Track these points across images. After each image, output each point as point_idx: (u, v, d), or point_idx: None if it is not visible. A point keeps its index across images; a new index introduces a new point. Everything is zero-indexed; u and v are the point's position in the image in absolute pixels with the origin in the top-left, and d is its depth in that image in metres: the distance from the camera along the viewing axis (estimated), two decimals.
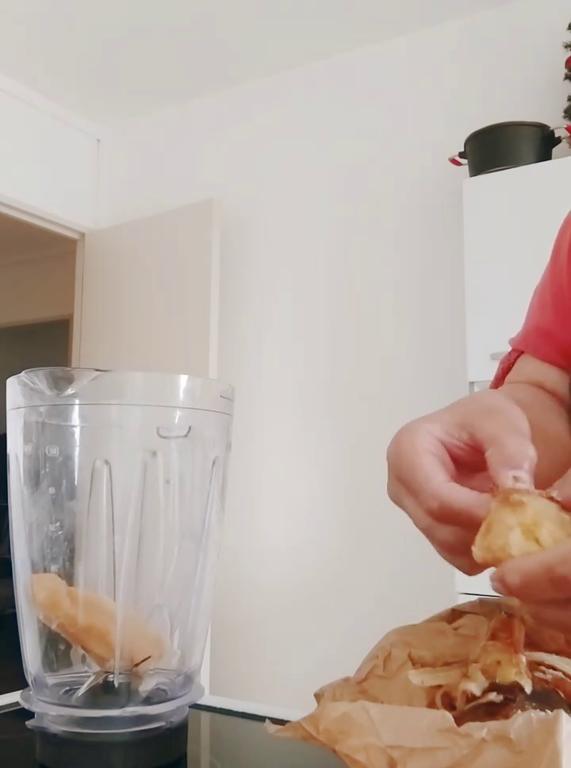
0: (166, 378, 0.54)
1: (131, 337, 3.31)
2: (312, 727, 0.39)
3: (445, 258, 2.77)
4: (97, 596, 0.53)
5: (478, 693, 0.39)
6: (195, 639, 0.56)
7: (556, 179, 2.30)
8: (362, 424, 2.88)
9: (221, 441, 0.57)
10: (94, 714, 0.50)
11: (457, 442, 0.45)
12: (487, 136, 2.46)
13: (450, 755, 0.34)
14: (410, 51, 2.98)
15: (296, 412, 3.06)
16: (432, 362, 2.78)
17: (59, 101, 3.52)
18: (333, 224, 3.07)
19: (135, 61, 3.21)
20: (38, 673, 0.53)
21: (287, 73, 3.25)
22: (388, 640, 0.48)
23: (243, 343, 3.22)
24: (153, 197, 3.52)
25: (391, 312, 2.91)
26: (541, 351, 0.76)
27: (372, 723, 0.37)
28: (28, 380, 0.52)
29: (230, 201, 3.25)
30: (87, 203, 3.68)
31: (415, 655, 0.44)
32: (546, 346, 0.76)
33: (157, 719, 0.51)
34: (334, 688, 0.46)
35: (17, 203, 3.35)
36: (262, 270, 3.21)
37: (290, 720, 0.42)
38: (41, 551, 0.53)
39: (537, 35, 2.70)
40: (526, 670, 0.40)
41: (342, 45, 3.07)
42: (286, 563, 3.00)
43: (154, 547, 0.54)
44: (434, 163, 2.82)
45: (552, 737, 0.32)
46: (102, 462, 0.52)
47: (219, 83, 3.36)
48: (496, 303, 2.30)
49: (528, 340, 0.78)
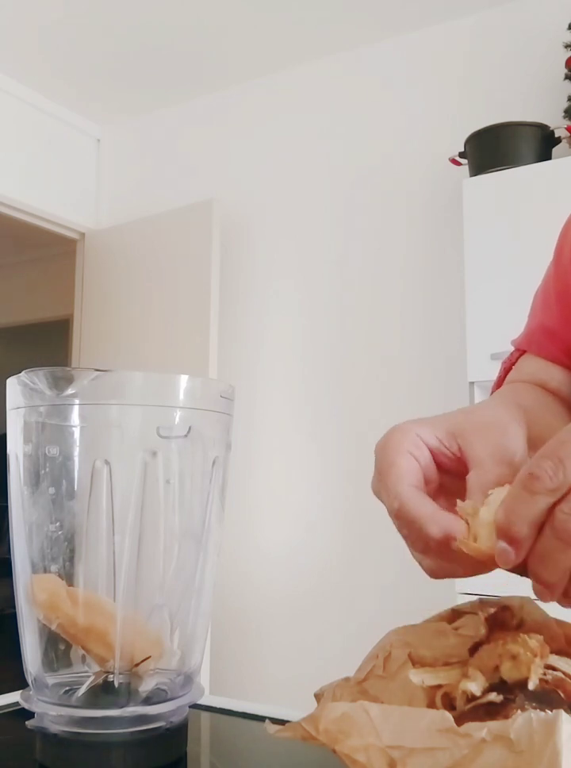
0: (166, 378, 0.54)
1: (131, 337, 3.31)
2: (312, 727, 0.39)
3: (445, 258, 2.77)
4: (97, 596, 0.53)
5: (478, 693, 0.39)
6: (195, 639, 0.56)
7: (556, 179, 2.30)
8: (362, 424, 2.88)
9: (221, 441, 0.57)
10: (94, 714, 0.50)
11: (446, 450, 0.45)
12: (487, 136, 2.46)
13: (449, 755, 0.34)
14: (410, 51, 2.98)
15: (296, 412, 3.06)
16: (432, 362, 2.78)
17: (59, 101, 3.52)
18: (333, 224, 3.07)
19: (135, 61, 3.21)
20: (38, 673, 0.53)
21: (287, 73, 3.25)
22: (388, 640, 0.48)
23: (243, 343, 3.22)
24: (153, 197, 3.52)
25: (391, 312, 2.91)
26: (545, 350, 0.76)
27: (372, 724, 0.37)
28: (28, 380, 0.52)
29: (230, 201, 3.25)
30: (87, 203, 3.69)
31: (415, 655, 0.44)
32: (550, 345, 0.76)
33: (157, 719, 0.51)
34: (334, 688, 0.46)
35: (17, 203, 3.35)
36: (262, 270, 3.21)
37: (290, 720, 0.42)
38: (41, 551, 0.53)
39: (537, 35, 2.70)
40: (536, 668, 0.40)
41: (342, 45, 3.07)
42: (286, 563, 3.00)
43: (154, 547, 0.54)
44: (434, 163, 2.82)
45: (552, 737, 0.32)
46: (102, 462, 0.52)
47: (219, 83, 3.36)
48: (496, 303, 2.30)
49: (532, 339, 0.78)
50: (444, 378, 2.71)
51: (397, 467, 0.43)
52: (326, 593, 2.90)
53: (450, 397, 2.59)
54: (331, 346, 3.02)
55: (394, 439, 0.45)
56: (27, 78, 3.34)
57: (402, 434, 0.45)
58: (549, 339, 0.76)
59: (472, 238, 2.43)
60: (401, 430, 0.46)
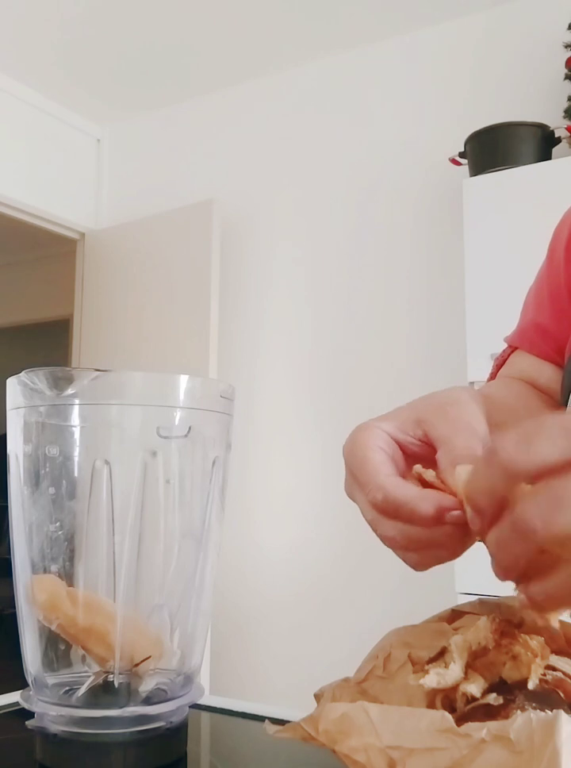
0: (166, 378, 0.54)
1: (131, 337, 3.31)
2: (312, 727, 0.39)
3: (445, 258, 2.77)
4: (96, 596, 0.53)
5: (478, 694, 0.39)
6: (195, 639, 0.56)
7: (556, 179, 2.30)
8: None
9: (221, 441, 0.57)
10: (94, 714, 0.50)
11: (412, 439, 0.46)
12: (487, 136, 2.46)
13: (449, 756, 0.34)
14: (410, 51, 2.98)
15: (296, 411, 3.06)
16: (432, 362, 2.78)
17: (60, 101, 3.52)
18: (332, 224, 3.07)
19: (135, 61, 3.21)
20: (38, 673, 0.53)
21: (287, 73, 3.25)
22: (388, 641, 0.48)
23: (243, 343, 3.22)
24: (153, 197, 3.52)
25: (391, 312, 2.91)
26: (537, 347, 0.77)
27: (371, 724, 0.37)
28: (28, 380, 0.52)
29: (230, 201, 3.25)
30: (87, 203, 3.69)
31: (415, 656, 0.44)
32: (542, 343, 0.77)
33: (157, 719, 0.51)
34: (333, 688, 0.46)
35: (17, 203, 3.35)
36: (262, 270, 3.21)
37: (290, 720, 0.42)
38: (41, 551, 0.53)
39: (537, 35, 2.70)
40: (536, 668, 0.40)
41: (343, 45, 3.07)
42: (287, 563, 3.00)
43: (154, 547, 0.54)
44: (434, 163, 2.82)
45: (552, 737, 0.32)
46: (102, 462, 0.52)
47: (219, 83, 3.36)
48: (496, 303, 2.30)
49: (524, 337, 0.79)
50: (444, 378, 2.71)
51: (371, 461, 0.43)
52: (326, 593, 2.90)
53: None
54: (330, 346, 3.02)
55: (361, 437, 0.45)
56: (27, 79, 3.34)
57: (367, 431, 0.45)
58: (540, 337, 0.77)
59: (472, 238, 2.43)
60: (365, 428, 0.46)
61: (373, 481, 0.42)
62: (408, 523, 0.41)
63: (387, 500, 0.41)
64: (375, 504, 0.42)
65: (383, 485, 0.42)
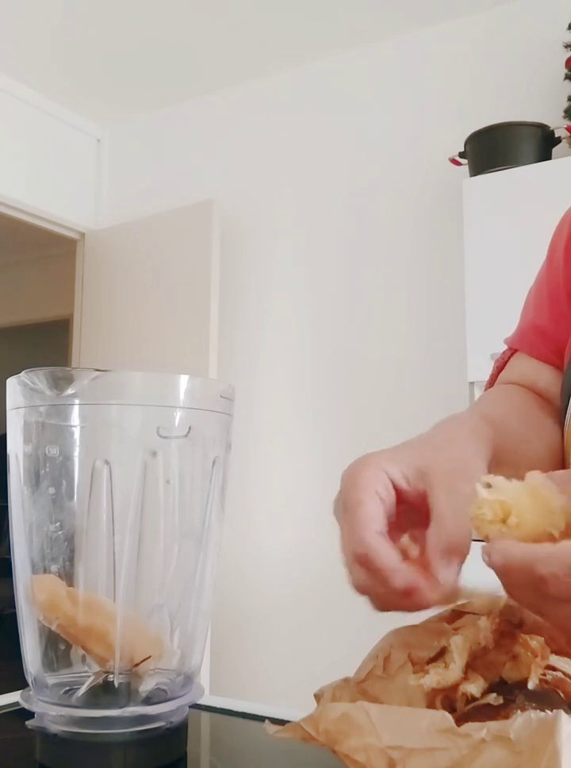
0: (166, 378, 0.54)
1: (131, 337, 3.31)
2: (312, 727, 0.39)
3: (445, 258, 2.77)
4: (96, 596, 0.53)
5: (478, 694, 0.39)
6: (195, 639, 0.56)
7: (556, 179, 2.30)
8: (362, 424, 2.88)
9: (221, 441, 0.57)
10: (94, 714, 0.50)
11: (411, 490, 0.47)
12: (487, 136, 2.46)
13: (449, 756, 0.34)
14: (410, 51, 2.98)
15: (296, 411, 3.06)
16: (432, 363, 2.78)
17: (60, 101, 3.52)
18: (333, 224, 3.07)
19: (135, 61, 3.21)
20: (38, 673, 0.53)
21: (287, 73, 3.25)
22: (387, 641, 0.48)
23: (243, 343, 3.22)
24: (153, 197, 3.51)
25: (391, 312, 2.91)
26: (537, 349, 0.76)
27: (371, 724, 0.37)
28: (28, 380, 0.52)
29: (230, 201, 3.25)
30: (87, 203, 3.68)
31: (415, 656, 0.44)
32: (542, 345, 0.76)
33: (157, 719, 0.51)
34: (333, 688, 0.46)
35: (17, 203, 3.35)
36: (262, 270, 3.21)
37: (290, 720, 0.42)
38: (41, 551, 0.53)
39: (537, 35, 2.70)
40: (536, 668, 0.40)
41: (342, 45, 3.07)
42: (287, 563, 3.00)
43: (154, 547, 0.54)
44: (434, 163, 2.82)
45: (552, 737, 0.32)
46: (102, 462, 0.52)
47: (219, 83, 3.36)
48: (496, 303, 2.30)
49: (524, 339, 0.78)
50: (444, 378, 2.71)
51: (365, 509, 0.44)
52: (326, 593, 2.90)
53: (450, 397, 2.59)
54: (330, 346, 3.02)
55: (363, 476, 0.46)
56: (27, 79, 3.34)
57: (371, 471, 0.46)
58: (540, 339, 0.76)
59: (472, 238, 2.43)
60: (370, 466, 0.47)
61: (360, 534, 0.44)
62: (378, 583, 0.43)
63: (367, 558, 0.43)
64: (356, 555, 0.44)
65: (369, 544, 0.43)
